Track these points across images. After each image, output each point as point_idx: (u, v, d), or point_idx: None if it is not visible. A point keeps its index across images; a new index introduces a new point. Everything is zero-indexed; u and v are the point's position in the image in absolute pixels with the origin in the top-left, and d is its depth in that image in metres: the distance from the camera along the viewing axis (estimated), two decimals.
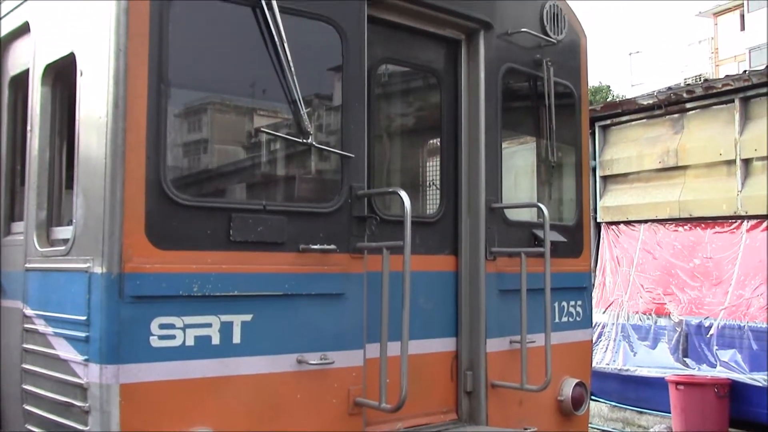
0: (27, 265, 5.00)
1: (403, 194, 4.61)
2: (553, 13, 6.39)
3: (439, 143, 6.10)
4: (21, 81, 5.47)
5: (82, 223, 4.38)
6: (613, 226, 12.34)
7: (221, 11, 4.53)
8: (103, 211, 4.12)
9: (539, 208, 5.82)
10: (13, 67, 5.65)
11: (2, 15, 5.74)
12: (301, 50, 4.75)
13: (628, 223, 12.11)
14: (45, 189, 5.05)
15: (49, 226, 5.01)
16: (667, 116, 11.76)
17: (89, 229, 4.29)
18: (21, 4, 5.45)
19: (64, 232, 4.80)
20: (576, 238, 6.52)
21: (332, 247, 4.77)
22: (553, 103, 6.29)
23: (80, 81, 4.48)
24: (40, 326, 4.73)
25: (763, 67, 11.21)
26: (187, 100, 4.67)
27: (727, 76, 11.42)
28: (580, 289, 6.54)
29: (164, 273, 4.15)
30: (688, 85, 13.75)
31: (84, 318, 4.18)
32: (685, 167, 11.39)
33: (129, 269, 4.05)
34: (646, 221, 11.82)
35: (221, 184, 4.92)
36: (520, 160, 7.08)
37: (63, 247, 4.56)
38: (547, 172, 6.71)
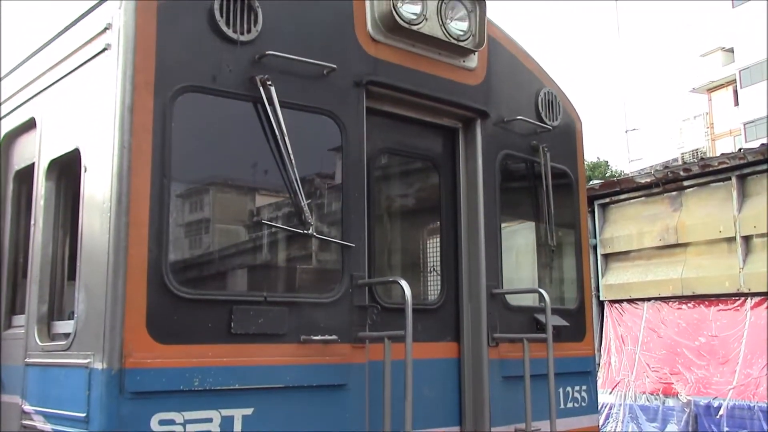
0: (27, 360, 4.97)
1: (404, 284, 4.63)
2: (548, 100, 6.54)
3: (439, 229, 6.16)
4: (26, 175, 5.56)
5: (84, 317, 4.39)
6: (617, 305, 12.28)
7: (223, 107, 4.65)
8: (104, 305, 4.13)
9: (541, 294, 5.82)
10: (19, 162, 5.76)
11: (9, 110, 5.88)
12: (302, 142, 4.85)
13: (631, 301, 12.06)
14: (47, 282, 5.07)
15: (50, 320, 5.01)
16: (666, 194, 11.87)
17: (90, 323, 4.29)
18: (28, 100, 5.59)
19: (65, 326, 4.80)
20: (578, 322, 6.49)
21: (333, 337, 4.75)
22: (551, 187, 6.36)
23: (84, 176, 4.56)
24: (39, 422, 4.67)
25: (758, 144, 11.36)
26: (190, 194, 4.74)
27: (722, 154, 11.58)
28: (585, 373, 6.48)
29: (165, 368, 4.13)
30: (685, 163, 13.93)
31: (83, 415, 4.13)
32: (685, 244, 11.43)
33: (130, 365, 4.03)
34: (649, 299, 11.77)
35: (222, 276, 4.94)
36: (520, 239, 7.11)
37: (64, 342, 4.55)
38: (547, 255, 6.73)
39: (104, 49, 4.51)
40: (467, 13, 5.77)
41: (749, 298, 10.44)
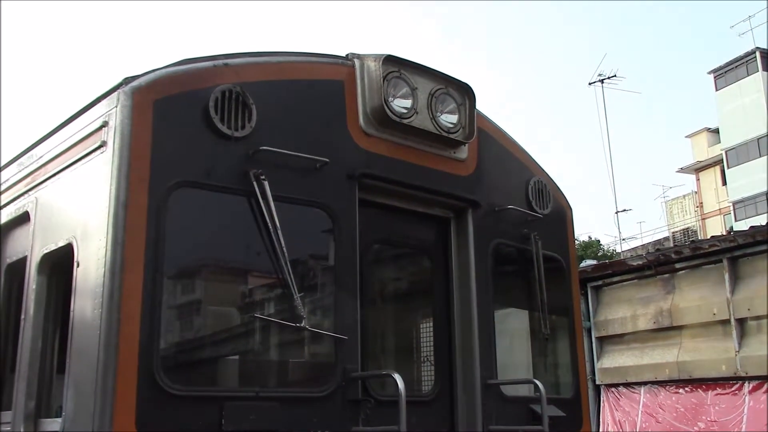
0: None
1: (398, 378, 4.58)
2: (538, 189, 6.63)
3: (431, 317, 6.13)
4: (17, 269, 5.55)
5: (72, 415, 4.31)
6: (613, 389, 12.14)
7: (217, 201, 4.70)
8: (93, 403, 4.06)
9: (536, 385, 5.74)
10: (11, 254, 5.75)
11: (3, 203, 5.91)
12: (295, 235, 4.88)
13: (627, 384, 11.92)
14: (35, 378, 4.99)
15: (38, 417, 4.91)
16: (658, 276, 11.89)
17: (79, 421, 4.21)
18: (22, 193, 5.63)
19: (52, 424, 4.70)
20: (575, 411, 6.40)
21: None
22: (543, 275, 6.38)
23: (77, 271, 4.56)
24: None
25: (747, 226, 11.46)
26: (182, 289, 4.73)
27: (713, 237, 11.69)
28: None
29: None
30: (676, 245, 14.00)
31: None
32: (680, 327, 11.38)
33: None
34: (645, 383, 11.64)
35: (214, 371, 4.88)
36: (514, 322, 7.07)
37: None
38: (541, 342, 6.68)
39: (100, 146, 4.58)
40: (457, 106, 5.91)
41: (747, 382, 10.34)
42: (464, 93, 5.96)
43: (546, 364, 6.80)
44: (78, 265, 4.55)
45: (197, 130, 4.64)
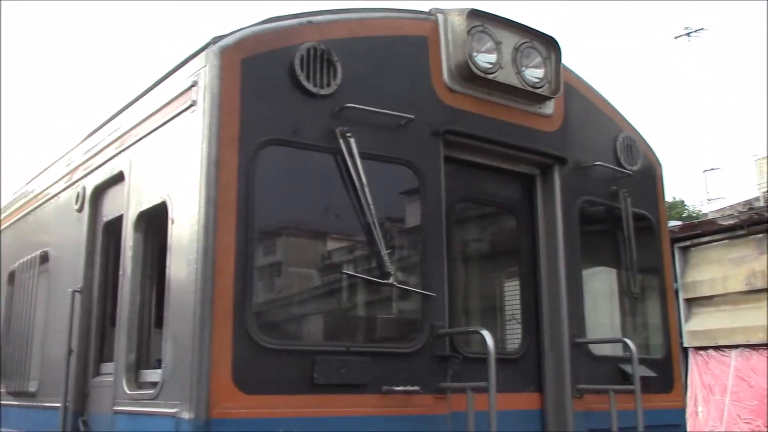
0: (115, 408, 5.09)
1: (487, 334, 4.57)
2: (627, 145, 6.45)
3: (517, 276, 6.08)
4: (114, 227, 5.76)
5: (171, 367, 4.47)
6: (702, 352, 11.83)
7: (304, 159, 4.74)
8: (191, 356, 4.21)
9: (626, 343, 5.64)
10: (107, 213, 5.97)
11: (99, 164, 6.13)
12: (381, 192, 4.89)
13: (717, 348, 11.59)
14: (135, 332, 5.19)
15: (138, 368, 5.12)
16: (751, 236, 11.45)
17: (177, 373, 4.37)
18: (116, 154, 5.82)
19: (152, 375, 4.90)
20: (666, 372, 6.27)
21: (415, 388, 4.71)
22: (632, 233, 6.23)
23: (171, 228, 4.70)
24: None
25: None
26: (272, 245, 4.82)
27: None
28: (674, 426, 6.22)
29: (250, 419, 4.17)
30: None
31: None
32: None
33: (216, 415, 4.08)
34: (737, 346, 11.29)
35: (304, 326, 4.98)
36: (598, 283, 6.95)
37: (152, 391, 4.64)
38: (630, 301, 6.55)
39: (190, 106, 4.67)
40: (542, 60, 5.77)
41: None
42: (550, 46, 5.82)
43: (635, 325, 6.67)
44: (172, 223, 4.69)
45: (284, 88, 4.68)
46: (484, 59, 5.49)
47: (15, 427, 7.09)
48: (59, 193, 6.95)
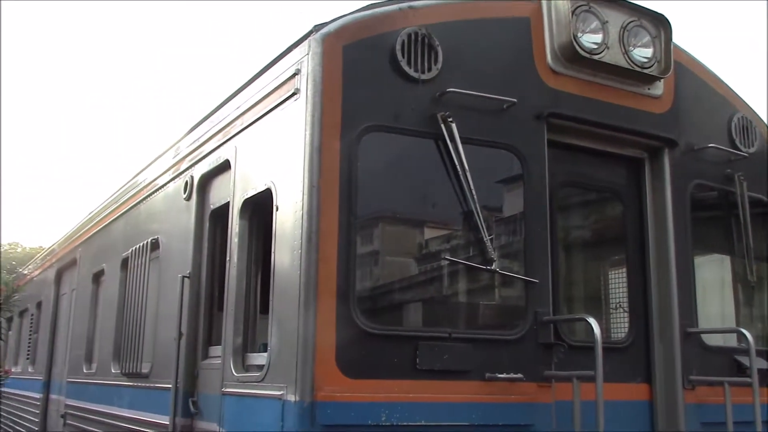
0: (223, 389, 5.24)
1: (593, 322, 4.45)
2: (743, 126, 6.14)
3: (623, 263, 5.88)
4: (220, 214, 5.92)
5: (277, 350, 4.57)
6: None
7: (406, 144, 4.73)
8: (296, 339, 4.28)
9: (742, 334, 5.38)
10: (214, 201, 6.14)
11: (206, 153, 6.31)
12: (483, 177, 4.84)
13: None
14: (241, 316, 5.33)
15: (245, 351, 5.25)
16: None
17: (283, 356, 4.45)
18: (222, 143, 5.97)
19: (258, 358, 5.02)
20: None
21: (519, 375, 4.64)
22: (749, 219, 5.92)
23: (276, 215, 4.78)
24: None
25: None
26: (375, 231, 4.84)
27: None
28: None
29: (354, 402, 4.21)
30: None
31: None
32: None
33: (321, 398, 4.14)
34: None
35: (406, 311, 4.97)
36: (707, 272, 6.65)
37: (258, 374, 4.75)
38: (746, 291, 6.24)
39: (294, 94, 4.74)
40: (651, 39, 5.55)
41: None
42: (659, 24, 5.58)
43: (752, 315, 6.35)
44: (277, 209, 4.77)
45: (385, 74, 4.68)
46: (590, 39, 5.33)
47: (128, 407, 7.43)
48: (168, 182, 7.21)
